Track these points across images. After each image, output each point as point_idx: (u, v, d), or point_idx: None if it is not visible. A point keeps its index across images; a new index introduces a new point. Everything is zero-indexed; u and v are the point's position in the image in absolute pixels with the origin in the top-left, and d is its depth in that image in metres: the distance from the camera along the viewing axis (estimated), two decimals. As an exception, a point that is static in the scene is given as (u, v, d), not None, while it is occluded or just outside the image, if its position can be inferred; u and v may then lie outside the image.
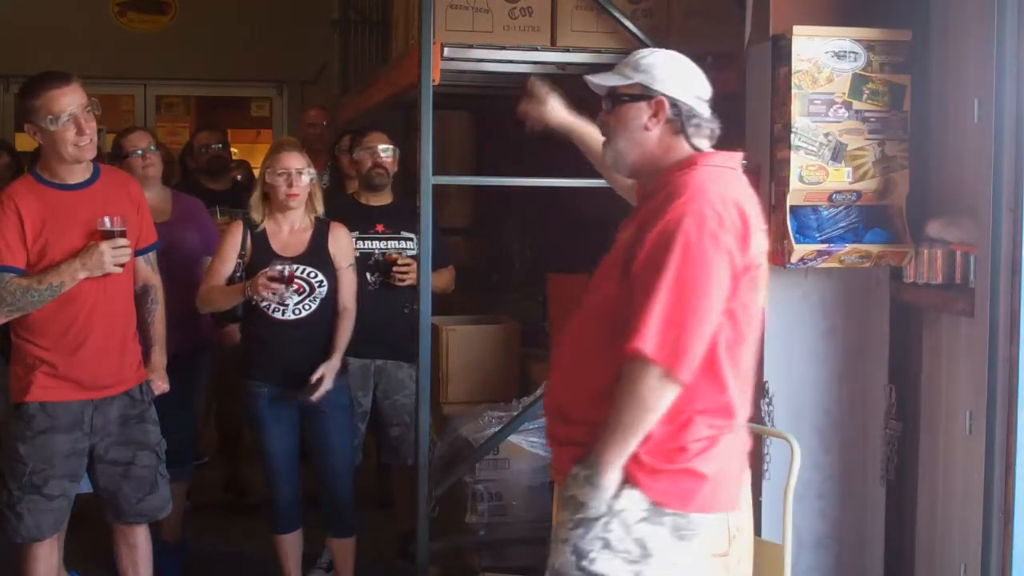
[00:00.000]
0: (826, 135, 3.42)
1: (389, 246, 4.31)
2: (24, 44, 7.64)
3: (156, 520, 3.72)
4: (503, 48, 3.88)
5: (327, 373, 3.78)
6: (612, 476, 2.31)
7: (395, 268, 4.24)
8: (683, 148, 2.47)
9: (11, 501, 3.38)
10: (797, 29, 3.41)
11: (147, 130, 4.57)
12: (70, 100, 3.27)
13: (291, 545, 3.96)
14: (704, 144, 2.49)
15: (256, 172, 5.59)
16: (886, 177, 3.48)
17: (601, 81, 2.54)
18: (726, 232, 2.29)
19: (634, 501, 2.33)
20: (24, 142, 3.54)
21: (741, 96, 3.75)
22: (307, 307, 3.78)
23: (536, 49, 3.90)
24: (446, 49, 3.79)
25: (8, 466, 3.40)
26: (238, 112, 9.53)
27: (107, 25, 8.39)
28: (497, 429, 4.06)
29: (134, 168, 4.17)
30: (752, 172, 3.61)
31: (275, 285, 3.61)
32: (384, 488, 4.92)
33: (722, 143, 3.87)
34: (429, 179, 3.69)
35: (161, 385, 3.63)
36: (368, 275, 4.22)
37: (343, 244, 3.90)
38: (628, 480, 2.32)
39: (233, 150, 8.45)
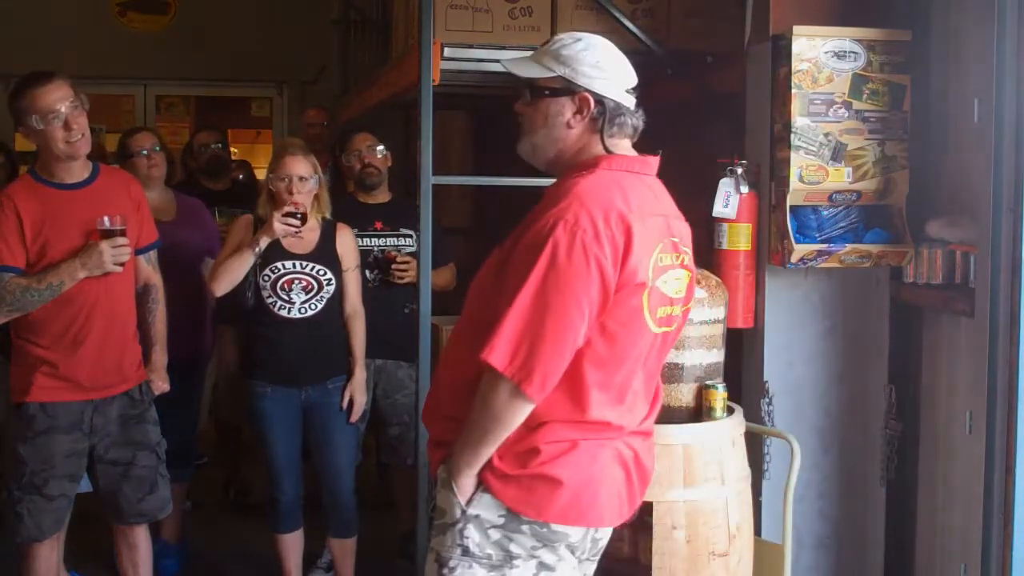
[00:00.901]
0: (826, 135, 3.42)
1: (388, 243, 4.31)
2: (24, 44, 7.64)
3: (156, 520, 3.72)
4: (503, 48, 3.88)
5: (356, 393, 3.89)
6: (466, 481, 2.24)
7: (394, 265, 4.25)
8: (595, 148, 2.32)
9: (11, 501, 3.38)
10: (797, 29, 3.41)
11: (152, 130, 4.58)
12: (54, 97, 3.27)
13: (292, 545, 3.96)
14: (622, 144, 2.35)
15: (256, 172, 5.61)
16: (886, 177, 3.48)
17: (518, 71, 2.37)
18: (601, 244, 2.14)
19: (489, 507, 2.25)
20: (24, 142, 3.54)
21: (741, 96, 3.76)
22: (313, 306, 3.79)
23: (536, 49, 3.90)
24: (446, 49, 3.79)
25: (8, 467, 3.40)
26: (238, 112, 9.53)
27: (107, 25, 8.38)
28: (497, 429, 4.05)
29: (139, 168, 4.18)
30: (752, 172, 3.62)
31: (292, 220, 3.66)
32: (384, 488, 4.92)
33: (723, 143, 3.89)
34: (429, 179, 3.69)
35: (161, 385, 3.63)
36: (367, 272, 4.22)
37: (349, 245, 3.92)
38: (482, 484, 2.24)
39: (233, 150, 8.46)
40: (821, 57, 3.41)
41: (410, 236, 4.30)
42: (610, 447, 2.29)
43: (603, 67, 2.30)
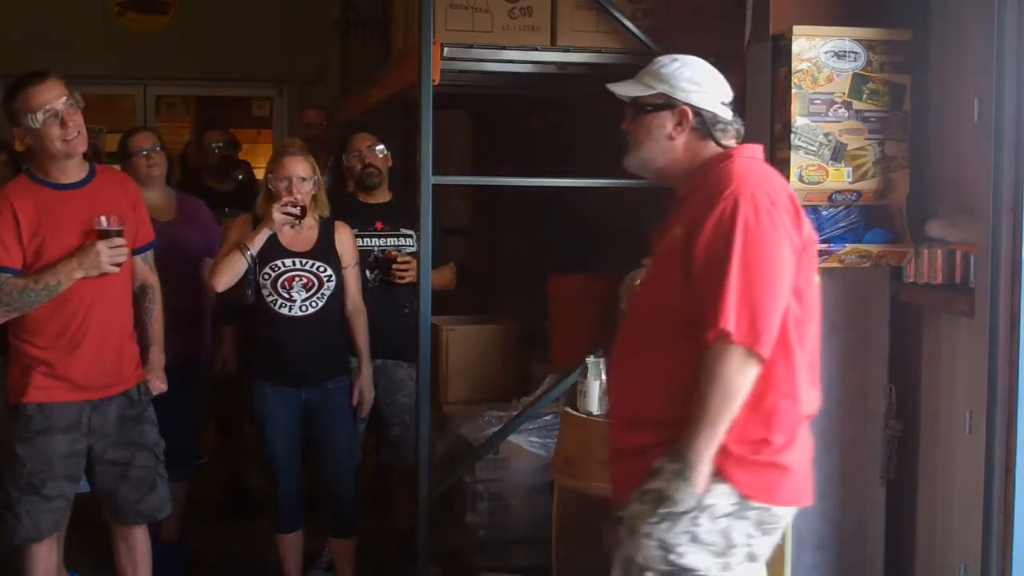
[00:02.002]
0: (826, 135, 3.42)
1: (388, 243, 4.31)
2: (24, 44, 7.64)
3: (155, 520, 3.72)
4: (503, 48, 3.88)
5: (364, 390, 3.95)
6: (704, 469, 2.32)
7: (395, 265, 4.25)
8: (712, 148, 2.52)
9: (9, 502, 3.38)
10: (797, 29, 3.41)
11: (152, 130, 4.58)
12: (48, 96, 3.27)
13: (292, 545, 3.97)
14: (732, 144, 2.55)
15: (256, 172, 5.61)
16: (886, 177, 3.47)
17: (623, 91, 2.59)
18: (780, 212, 2.35)
19: (724, 495, 2.35)
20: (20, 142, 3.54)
21: (741, 96, 3.75)
22: (314, 303, 3.79)
23: (536, 49, 3.90)
24: (446, 49, 3.79)
25: (6, 467, 3.40)
26: (238, 112, 9.52)
27: (107, 25, 8.38)
28: (497, 429, 4.05)
29: (138, 168, 4.18)
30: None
31: (291, 209, 3.68)
32: (384, 488, 4.92)
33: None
34: (429, 179, 3.69)
35: (159, 385, 3.63)
36: (368, 272, 4.23)
37: (347, 243, 3.94)
38: (719, 473, 2.34)
39: (233, 150, 8.43)
40: (821, 57, 3.41)
41: (410, 236, 4.30)
42: (807, 432, 2.48)
43: (699, 82, 2.53)
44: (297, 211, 3.72)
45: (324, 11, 7.38)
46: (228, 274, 3.74)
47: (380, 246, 4.32)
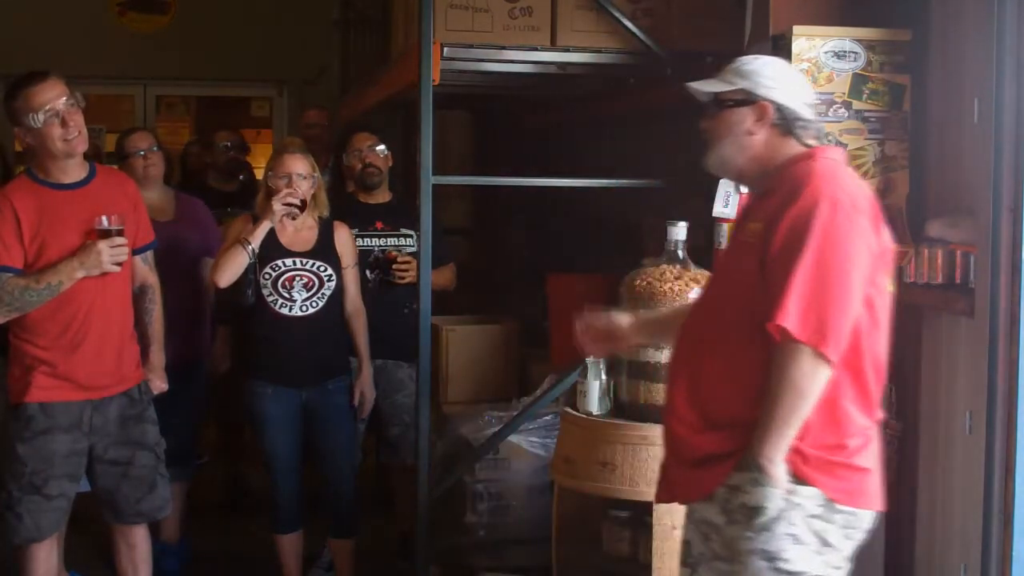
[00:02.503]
0: (826, 135, 3.42)
1: (388, 243, 4.31)
2: (24, 44, 7.64)
3: (155, 520, 3.72)
4: (503, 48, 3.88)
5: (364, 390, 3.96)
6: (778, 470, 2.28)
7: (395, 265, 4.25)
8: (793, 147, 2.47)
9: (10, 502, 3.38)
10: (797, 29, 3.41)
11: (149, 131, 4.58)
12: (49, 95, 3.28)
13: (292, 545, 3.97)
14: (813, 144, 2.50)
15: (256, 172, 5.61)
16: (886, 177, 3.48)
17: (704, 87, 2.56)
18: (860, 214, 2.30)
19: (810, 497, 2.32)
20: (20, 143, 3.54)
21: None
22: (315, 303, 3.79)
23: (536, 49, 3.90)
24: (446, 49, 3.79)
25: (7, 467, 3.40)
26: (238, 112, 9.52)
27: (107, 25, 8.39)
28: (497, 429, 4.05)
29: (136, 168, 4.18)
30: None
31: (292, 200, 3.70)
32: (384, 488, 4.92)
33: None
34: (429, 179, 3.69)
35: (160, 385, 3.63)
36: (368, 272, 4.23)
37: (347, 243, 3.94)
38: (799, 476, 2.30)
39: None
40: (821, 57, 3.41)
41: (410, 236, 4.30)
42: (877, 434, 2.43)
43: (780, 79, 2.49)
44: (297, 202, 3.72)
45: (324, 11, 7.38)
46: (230, 269, 3.73)
47: (380, 246, 4.32)
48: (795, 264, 2.23)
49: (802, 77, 2.61)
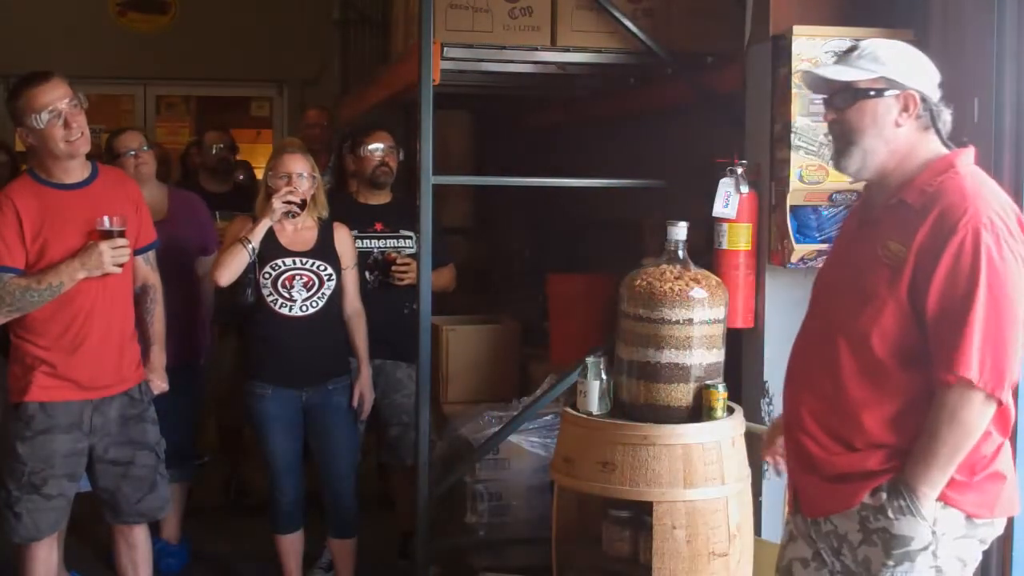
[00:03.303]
0: (826, 135, 3.41)
1: (388, 245, 4.31)
2: (24, 44, 7.65)
3: (155, 520, 3.72)
4: (503, 48, 3.88)
5: (363, 391, 3.95)
6: (932, 503, 2.24)
7: (394, 267, 4.24)
8: (928, 147, 2.32)
9: (10, 501, 3.38)
10: (797, 29, 3.41)
11: (138, 130, 4.56)
12: (52, 96, 3.28)
13: (292, 545, 3.97)
14: (946, 140, 2.36)
15: (256, 172, 5.61)
16: (886, 177, 3.47)
17: (836, 76, 2.33)
18: (1018, 243, 2.20)
19: (953, 520, 2.26)
20: (22, 142, 3.54)
21: (741, 96, 3.75)
22: (315, 303, 3.79)
23: (536, 49, 3.90)
24: (446, 49, 3.79)
25: (7, 466, 3.40)
26: (238, 112, 9.53)
27: (107, 25, 8.39)
28: (497, 429, 4.05)
29: (127, 168, 4.16)
30: (752, 172, 3.62)
31: (292, 198, 3.70)
32: (384, 488, 4.92)
33: (722, 143, 3.89)
34: (429, 179, 3.69)
35: (160, 385, 3.63)
36: (367, 274, 4.22)
37: (346, 244, 3.94)
38: (941, 500, 2.25)
39: (233, 150, 8.42)
40: (821, 57, 3.40)
41: (410, 238, 4.30)
42: (1012, 437, 2.37)
43: (919, 65, 2.33)
44: (297, 201, 3.72)
45: (324, 11, 7.39)
46: (231, 268, 3.72)
47: (380, 247, 4.31)
48: (970, 310, 2.15)
49: (930, 60, 2.37)
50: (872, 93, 2.29)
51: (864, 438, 2.30)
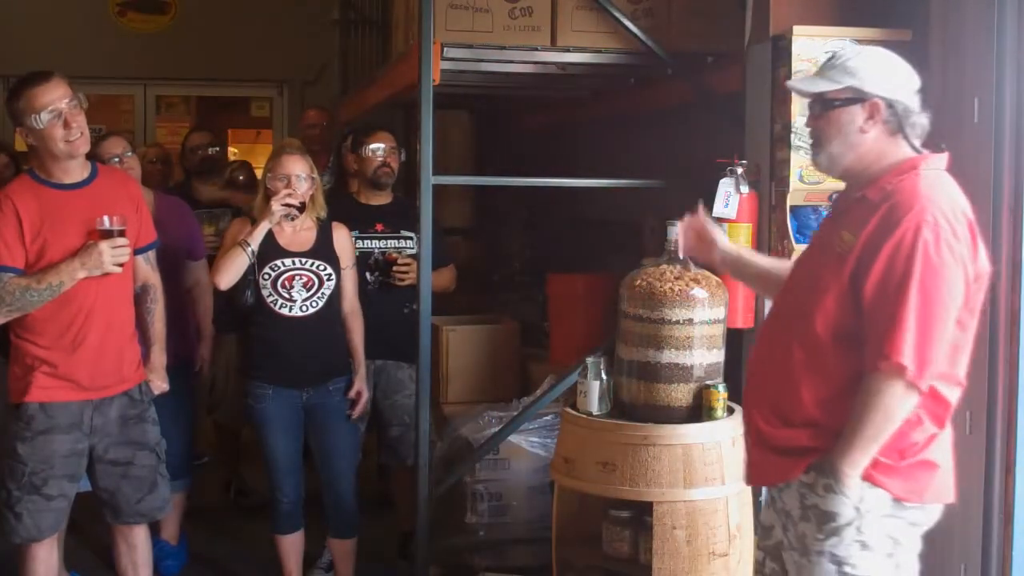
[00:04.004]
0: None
1: (389, 245, 4.30)
2: (24, 44, 7.64)
3: (155, 520, 3.72)
4: (503, 48, 3.88)
5: (360, 389, 3.93)
6: (856, 483, 2.36)
7: (395, 268, 4.24)
8: (899, 150, 2.45)
9: (10, 501, 3.37)
10: (797, 29, 3.41)
11: (120, 135, 4.52)
12: (52, 96, 3.28)
13: (292, 545, 3.97)
14: (917, 142, 2.47)
15: (257, 172, 5.61)
16: (886, 177, 3.47)
17: (808, 88, 2.53)
18: (960, 243, 2.31)
19: (879, 499, 2.38)
20: (24, 143, 3.53)
21: (741, 96, 3.76)
22: (315, 303, 3.79)
23: (536, 49, 3.90)
24: (446, 49, 3.79)
25: (7, 466, 3.40)
26: (238, 112, 9.53)
27: (107, 25, 8.39)
28: (497, 429, 4.06)
29: None
30: (752, 172, 3.62)
31: (291, 200, 3.71)
32: (384, 488, 4.92)
33: (722, 143, 3.89)
34: (429, 179, 3.69)
35: (160, 385, 3.63)
36: (368, 274, 4.22)
37: (345, 244, 3.94)
38: (868, 480, 2.37)
39: (233, 150, 8.46)
40: (821, 57, 3.40)
41: (411, 239, 4.29)
42: (950, 427, 2.47)
43: (888, 73, 2.45)
44: (296, 203, 3.72)
45: (324, 11, 7.39)
46: (231, 271, 3.72)
47: (380, 248, 4.31)
48: (901, 299, 2.27)
49: (905, 64, 2.48)
50: (838, 103, 2.45)
51: (801, 415, 2.44)
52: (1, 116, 3.45)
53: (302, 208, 3.75)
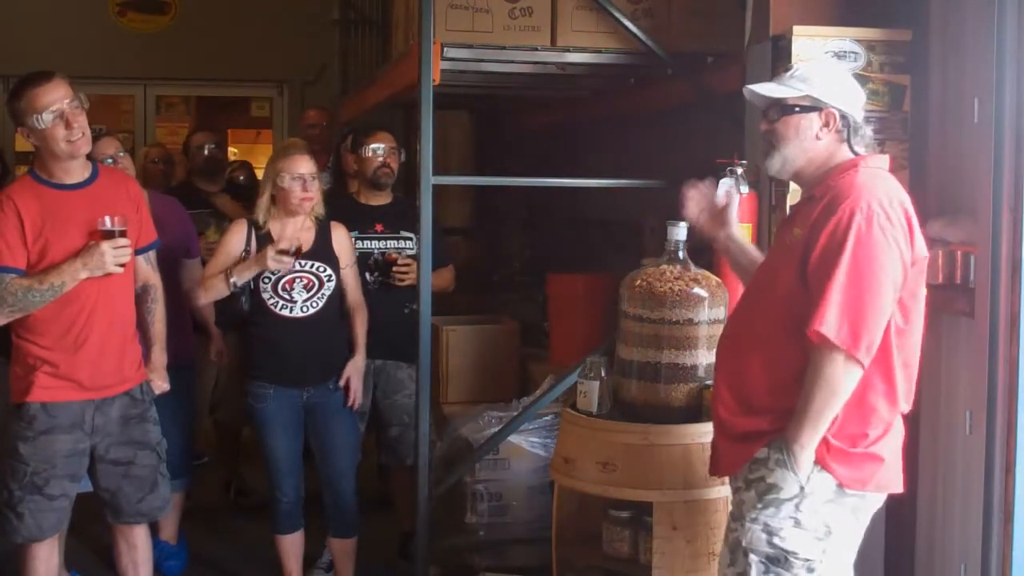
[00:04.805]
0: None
1: (388, 246, 4.30)
2: (24, 44, 7.65)
3: (156, 520, 3.72)
4: (503, 48, 3.88)
5: (353, 375, 3.90)
6: (807, 458, 2.50)
7: (395, 268, 4.24)
8: (843, 154, 2.63)
9: (12, 501, 3.38)
10: (797, 29, 3.41)
11: (113, 135, 4.51)
12: (53, 96, 3.28)
13: (292, 545, 3.97)
14: (862, 151, 2.64)
15: (257, 172, 5.61)
16: (886, 177, 3.47)
17: (768, 92, 2.67)
18: (894, 227, 2.47)
19: (823, 484, 2.52)
20: (26, 143, 3.53)
21: (741, 96, 3.75)
22: (315, 304, 3.80)
23: (536, 49, 3.91)
24: (446, 49, 3.79)
25: (9, 466, 3.40)
26: (238, 112, 9.54)
27: (107, 25, 8.40)
28: (497, 429, 4.06)
29: None
30: (752, 172, 3.62)
31: (286, 259, 3.68)
32: (384, 488, 4.92)
33: (722, 143, 3.89)
34: (429, 179, 3.69)
35: (161, 385, 3.63)
36: (367, 275, 4.22)
37: (344, 243, 3.94)
38: (819, 464, 2.51)
39: (233, 150, 8.46)
40: (821, 57, 3.41)
41: (410, 239, 4.29)
42: (901, 424, 2.64)
43: (842, 86, 2.65)
44: (291, 258, 3.69)
45: (324, 11, 7.39)
46: (210, 294, 3.83)
47: (380, 248, 4.31)
48: (832, 274, 2.43)
49: (855, 82, 2.71)
50: (798, 109, 2.62)
51: (761, 401, 2.59)
52: (1, 116, 3.44)
53: (298, 253, 3.72)
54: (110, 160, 4.16)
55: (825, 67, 2.73)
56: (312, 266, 3.80)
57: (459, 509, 4.19)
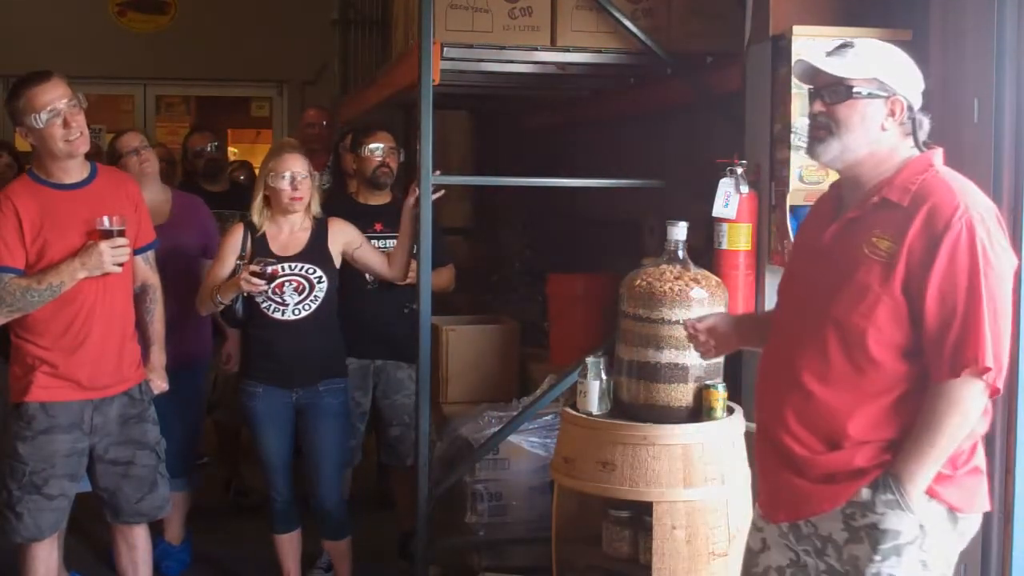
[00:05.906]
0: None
1: (388, 245, 4.30)
2: (24, 44, 7.65)
3: (155, 520, 3.72)
4: (503, 48, 3.88)
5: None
6: (922, 498, 2.24)
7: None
8: (907, 149, 2.35)
9: (11, 501, 3.38)
10: (797, 29, 3.41)
11: (138, 130, 4.56)
12: (52, 96, 3.28)
13: (290, 545, 3.97)
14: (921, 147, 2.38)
15: (256, 172, 5.60)
16: (886, 177, 3.47)
17: (834, 70, 2.32)
18: (1004, 239, 2.24)
19: (937, 515, 2.27)
20: (24, 143, 3.54)
21: (741, 96, 3.76)
22: (307, 307, 3.78)
23: (536, 49, 3.90)
24: (446, 49, 3.79)
25: (8, 466, 3.40)
26: (238, 112, 9.54)
27: (107, 25, 8.40)
28: (497, 429, 4.06)
29: (131, 168, 4.16)
30: (752, 172, 3.62)
31: (256, 280, 3.62)
32: (384, 488, 4.92)
33: (722, 143, 3.89)
34: (429, 179, 3.69)
35: (160, 384, 3.63)
36: (367, 275, 4.21)
37: (342, 235, 3.89)
38: (928, 495, 2.25)
39: (233, 150, 8.47)
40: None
41: (410, 238, 4.29)
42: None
43: (909, 73, 2.35)
44: (263, 282, 3.64)
45: (324, 11, 7.39)
46: (205, 309, 3.86)
47: (380, 248, 4.30)
48: (976, 302, 2.17)
49: (917, 67, 2.38)
50: (866, 93, 2.30)
51: (852, 435, 2.29)
52: (1, 116, 3.45)
53: (272, 278, 3.69)
54: (135, 153, 4.19)
55: (887, 48, 2.36)
56: (302, 268, 3.77)
57: (459, 509, 4.19)
